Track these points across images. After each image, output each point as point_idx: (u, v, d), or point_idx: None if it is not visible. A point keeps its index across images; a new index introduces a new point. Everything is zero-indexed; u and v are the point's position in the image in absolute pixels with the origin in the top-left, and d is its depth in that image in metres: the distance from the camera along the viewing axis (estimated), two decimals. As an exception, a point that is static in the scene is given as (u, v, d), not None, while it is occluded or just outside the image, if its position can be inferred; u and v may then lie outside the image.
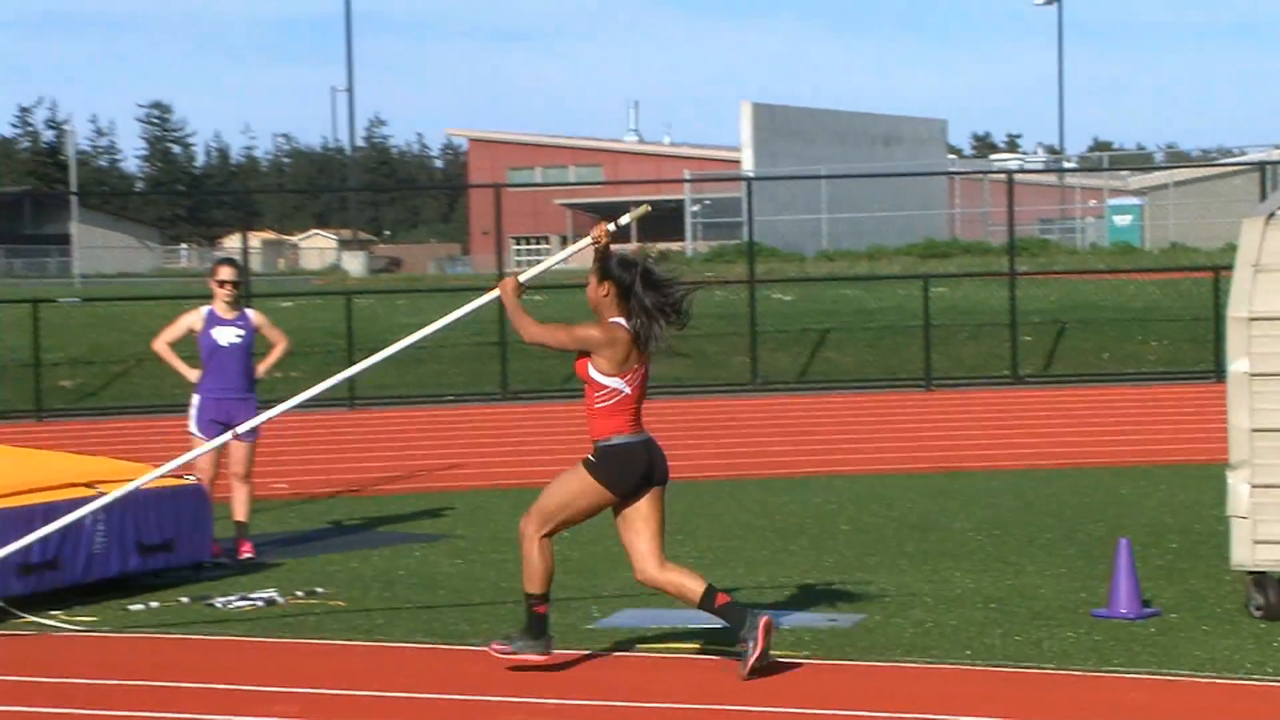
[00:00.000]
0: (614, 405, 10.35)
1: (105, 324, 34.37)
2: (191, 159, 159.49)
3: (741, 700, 9.38)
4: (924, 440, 22.64)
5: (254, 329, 14.70)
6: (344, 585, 13.11)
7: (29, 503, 12.45)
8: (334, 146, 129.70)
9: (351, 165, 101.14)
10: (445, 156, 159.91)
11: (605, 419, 10.35)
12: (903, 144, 79.65)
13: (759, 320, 30.44)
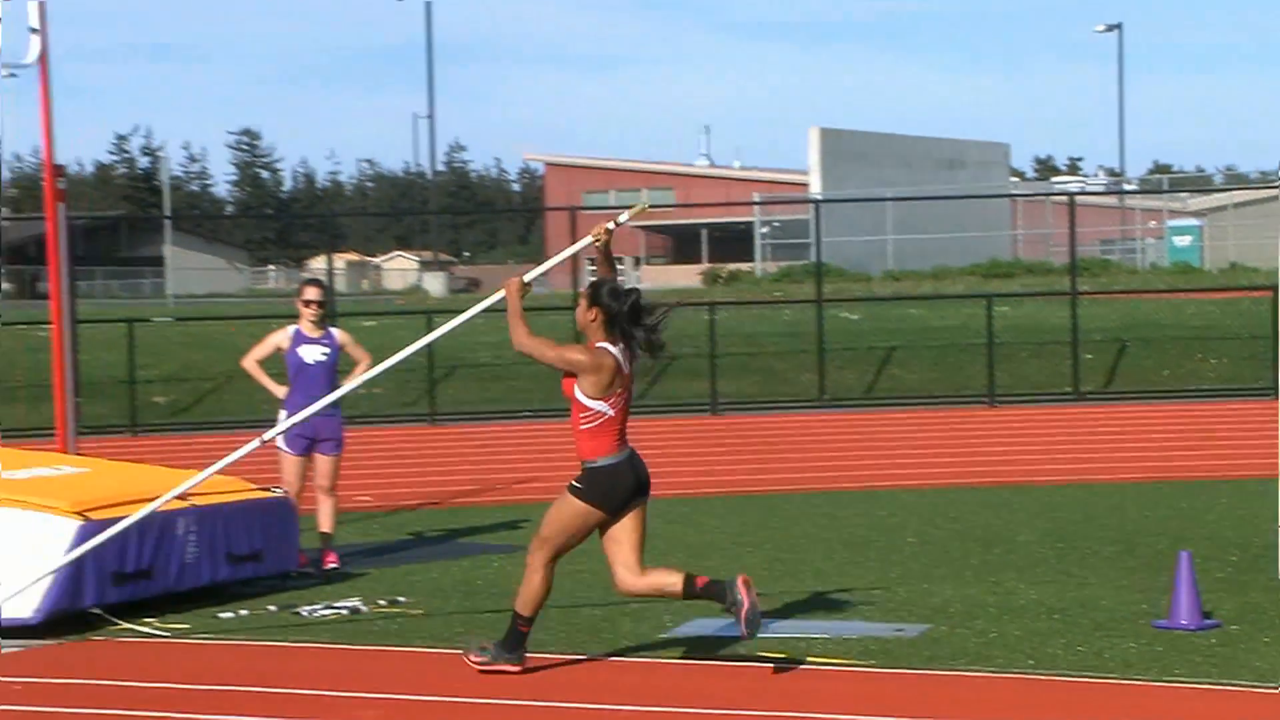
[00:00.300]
0: (598, 427, 10.37)
1: (197, 342, 34.55)
2: (279, 184, 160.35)
3: (810, 707, 9.36)
4: (988, 455, 22.56)
5: (339, 347, 14.75)
6: (425, 594, 13.13)
7: (125, 513, 12.51)
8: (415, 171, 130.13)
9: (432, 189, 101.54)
10: (522, 180, 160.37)
11: (590, 439, 10.38)
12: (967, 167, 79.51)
13: (826, 338, 30.36)
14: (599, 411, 10.37)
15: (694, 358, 31.38)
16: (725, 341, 30.91)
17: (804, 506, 18.12)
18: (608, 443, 10.43)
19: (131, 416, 27.75)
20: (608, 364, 10.32)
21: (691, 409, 28.71)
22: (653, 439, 25.13)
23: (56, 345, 15.08)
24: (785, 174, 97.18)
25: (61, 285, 15.00)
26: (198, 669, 10.73)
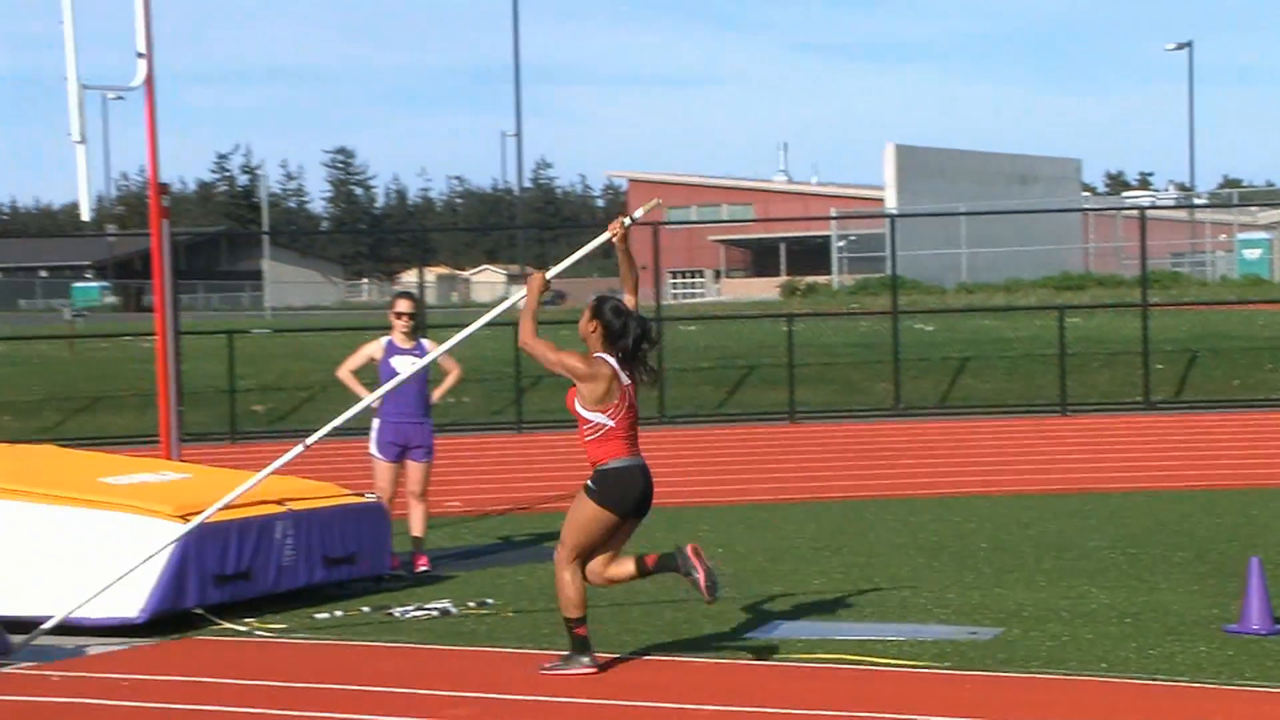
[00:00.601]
0: (602, 436, 10.46)
1: (293, 353, 34.77)
2: (372, 200, 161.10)
3: (885, 709, 9.32)
4: (1060, 463, 22.42)
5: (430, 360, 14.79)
6: (512, 597, 13.16)
7: (225, 518, 12.59)
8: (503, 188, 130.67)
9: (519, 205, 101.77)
10: (606, 196, 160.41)
11: (597, 447, 10.48)
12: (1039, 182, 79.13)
13: (901, 349, 30.28)
14: (599, 423, 10.41)
15: (772, 368, 31.39)
16: (803, 352, 30.88)
17: (880, 513, 18.06)
18: (616, 448, 10.46)
19: (231, 424, 27.94)
20: (603, 373, 10.31)
21: (770, 418, 28.70)
22: (732, 446, 25.21)
23: (160, 356, 15.20)
24: (861, 189, 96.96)
25: (165, 299, 15.12)
26: (295, 667, 10.79)
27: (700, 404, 30.16)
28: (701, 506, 18.99)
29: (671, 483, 21.37)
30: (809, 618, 11.99)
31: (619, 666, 10.59)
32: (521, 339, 10.66)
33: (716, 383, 31.95)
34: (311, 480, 14.57)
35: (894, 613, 12.13)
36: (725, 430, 27.63)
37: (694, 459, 23.80)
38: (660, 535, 16.51)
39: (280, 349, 35.69)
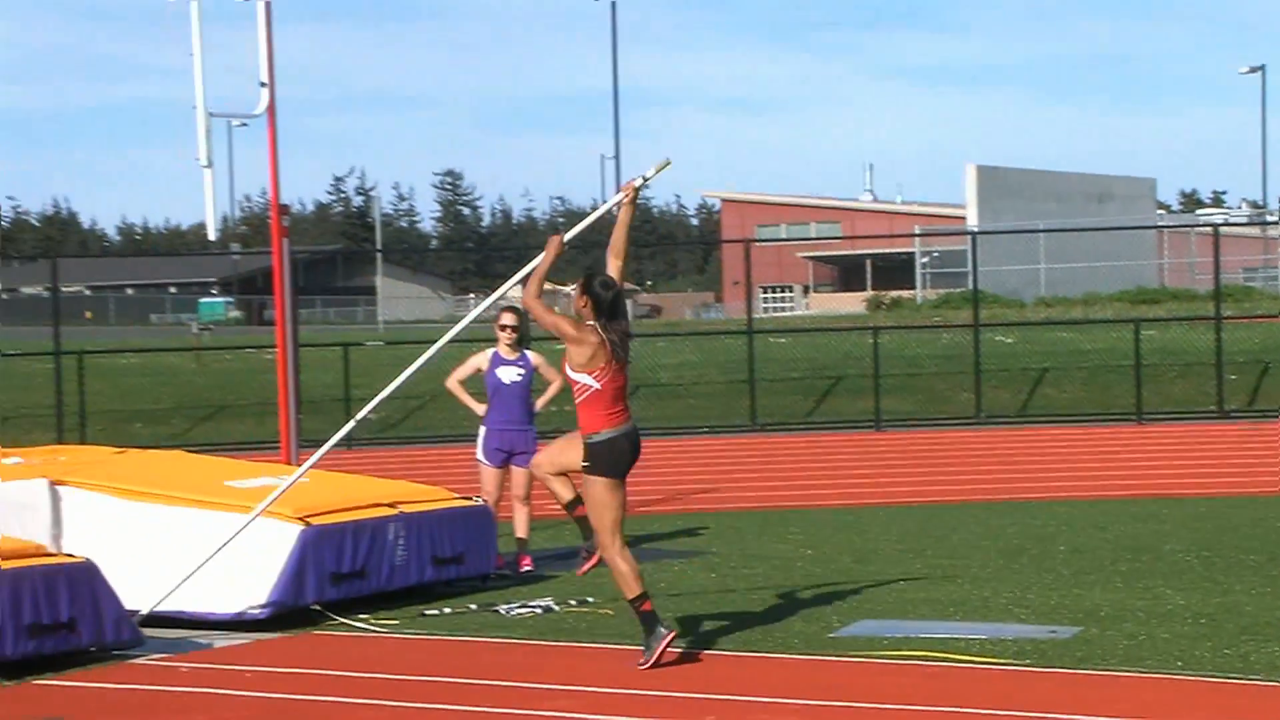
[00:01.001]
0: (589, 399, 10.69)
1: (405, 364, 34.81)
2: (479, 220, 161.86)
3: (969, 704, 9.27)
4: (1136, 469, 22.26)
5: (533, 368, 14.83)
6: (611, 595, 13.12)
7: (341, 520, 12.68)
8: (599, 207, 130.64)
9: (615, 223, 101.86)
10: (700, 215, 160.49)
11: (584, 412, 10.73)
12: (1115, 200, 78.57)
13: (983, 360, 30.13)
14: (586, 385, 10.70)
15: (859, 378, 31.28)
16: (888, 363, 30.78)
17: (962, 516, 17.97)
18: (601, 416, 10.70)
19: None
20: (590, 340, 10.64)
21: (857, 425, 28.63)
22: (821, 453, 25.17)
23: (281, 366, 15.31)
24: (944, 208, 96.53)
25: (285, 313, 15.23)
26: (406, 661, 10.84)
27: (790, 412, 30.11)
28: (791, 509, 18.96)
29: (763, 487, 21.38)
30: (894, 616, 11.93)
31: (714, 662, 10.58)
32: (525, 297, 11.06)
33: (805, 392, 31.89)
34: (422, 484, 14.64)
35: (976, 612, 12.07)
36: (814, 437, 27.57)
37: (784, 465, 23.77)
38: (751, 537, 16.53)
39: (392, 360, 35.77)
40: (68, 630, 10.69)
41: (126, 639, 11.06)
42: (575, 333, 10.69)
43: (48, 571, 10.70)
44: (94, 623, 10.84)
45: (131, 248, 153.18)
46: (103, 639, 10.92)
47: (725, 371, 33.13)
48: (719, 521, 17.92)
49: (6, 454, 14.74)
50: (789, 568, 14.43)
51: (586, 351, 10.66)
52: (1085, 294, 57.80)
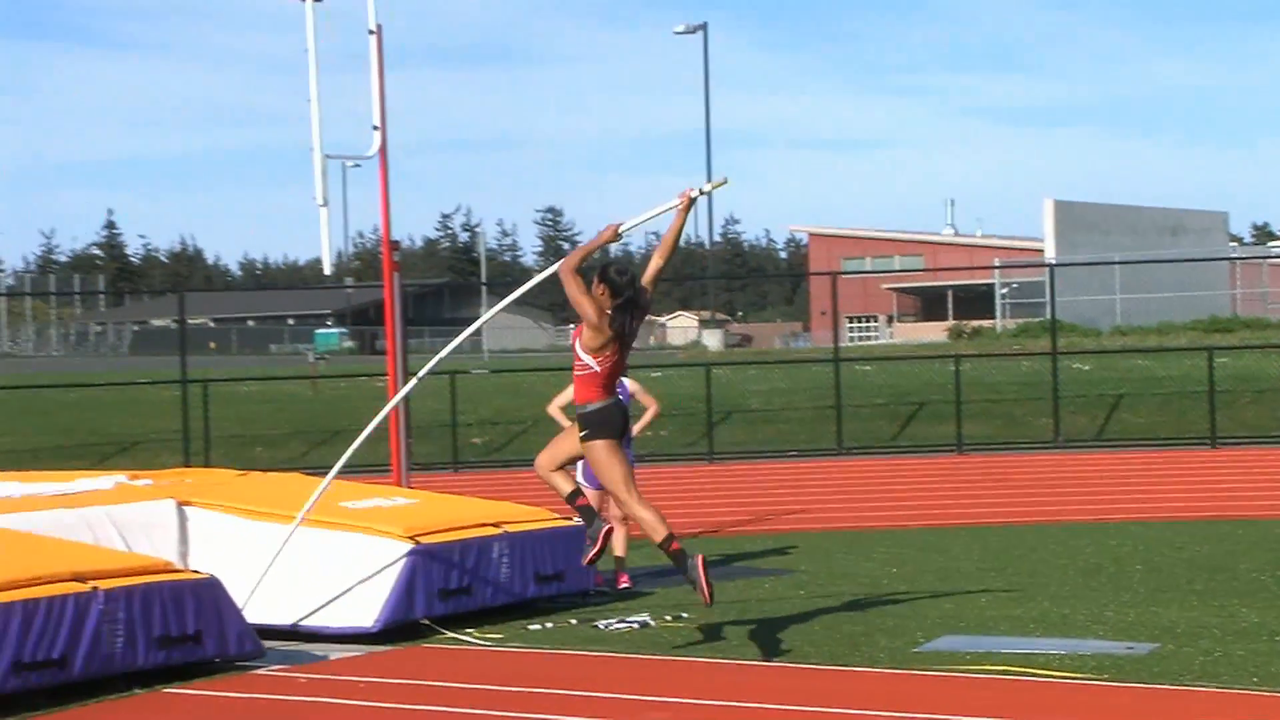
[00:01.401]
0: (587, 378, 11.25)
1: (509, 391, 35.06)
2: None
3: (1051, 716, 9.20)
4: (1210, 491, 22.02)
5: (630, 395, 14.81)
6: (705, 611, 13.13)
7: (449, 539, 12.72)
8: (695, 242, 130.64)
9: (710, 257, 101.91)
10: (788, 248, 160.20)
11: (581, 387, 11.30)
12: (1188, 233, 77.98)
13: (1060, 387, 29.95)
14: (588, 365, 11.22)
15: (941, 404, 31.15)
16: (969, 390, 30.63)
17: (1041, 537, 17.83)
18: (595, 391, 11.24)
19: (454, 455, 28.23)
20: (606, 331, 11.12)
21: (940, 449, 28.52)
22: (904, 476, 25.03)
23: (391, 393, 15.39)
24: (1022, 241, 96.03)
25: (396, 343, 15.32)
26: (510, 673, 10.85)
27: (875, 437, 30.03)
28: (876, 530, 18.87)
29: (849, 508, 21.30)
30: (976, 632, 11.85)
31: (803, 674, 10.55)
32: (564, 270, 11.43)
33: (890, 418, 31.78)
34: (525, 505, 14.67)
35: (1055, 628, 11.97)
36: (898, 461, 27.46)
37: (869, 487, 23.69)
38: (838, 556, 16.45)
39: (497, 387, 36.00)
40: (194, 642, 10.78)
41: (248, 651, 11.14)
42: (596, 320, 11.16)
43: (175, 587, 10.80)
44: (218, 635, 10.93)
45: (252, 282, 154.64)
46: (226, 651, 11.00)
47: (813, 398, 33.06)
48: (807, 541, 17.87)
49: (137, 476, 14.91)
50: (875, 585, 14.37)
51: (600, 339, 11.18)
52: (1160, 323, 57.39)
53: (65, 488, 13.96)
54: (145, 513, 12.92)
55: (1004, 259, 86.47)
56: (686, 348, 78.38)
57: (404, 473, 15.37)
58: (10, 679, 9.86)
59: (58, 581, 10.26)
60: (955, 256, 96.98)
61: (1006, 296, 74.89)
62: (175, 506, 13.01)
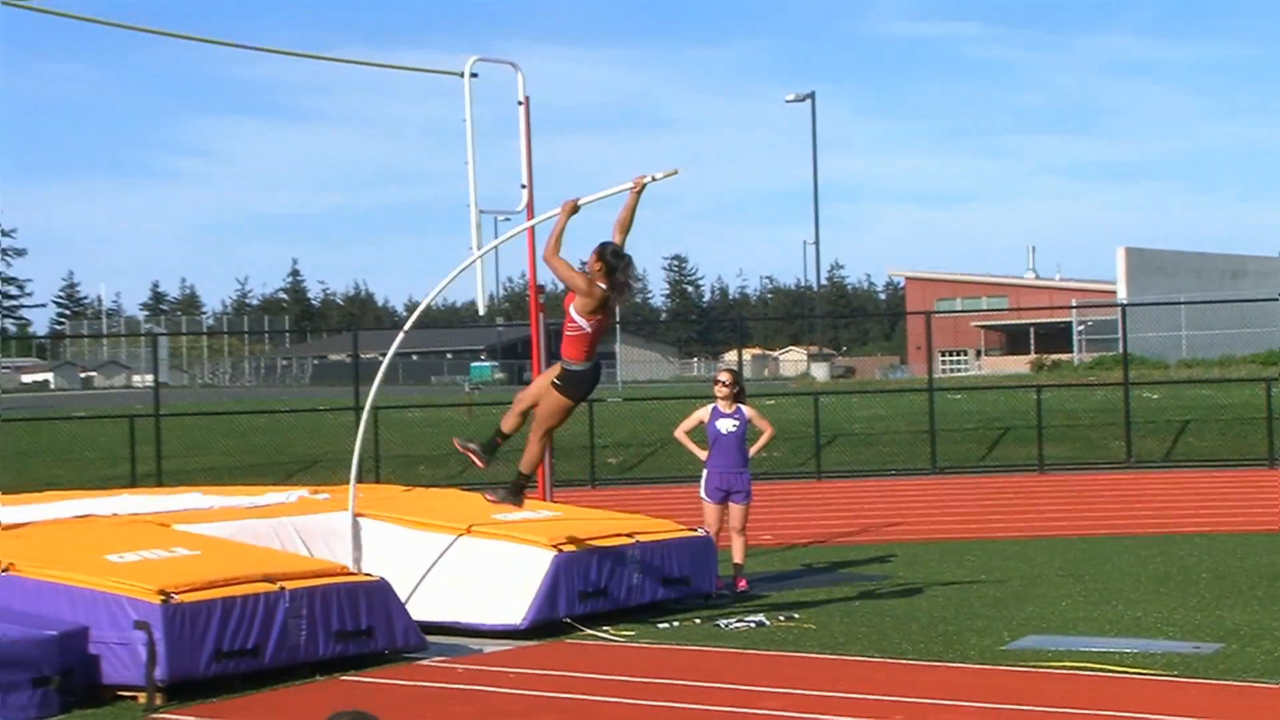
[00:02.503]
0: (576, 338, 11.67)
1: (640, 417, 35.04)
2: (701, 295, 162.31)
3: (1125, 709, 9.06)
4: (1269, 507, 21.59)
5: (747, 420, 14.81)
6: (813, 612, 13.09)
7: (588, 547, 12.75)
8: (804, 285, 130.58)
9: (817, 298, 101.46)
10: (887, 290, 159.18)
11: (570, 346, 11.72)
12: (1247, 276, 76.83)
13: (1132, 413, 29.61)
14: (579, 325, 11.61)
15: (1024, 429, 30.82)
16: (1049, 416, 30.32)
17: (1114, 548, 17.59)
18: (581, 352, 11.69)
19: (591, 473, 28.29)
20: (597, 293, 11.57)
21: (1023, 469, 28.22)
22: (991, 492, 24.80)
23: (537, 419, 15.45)
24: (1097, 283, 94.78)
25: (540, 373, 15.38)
26: (641, 666, 10.86)
27: (965, 458, 29.77)
28: (967, 540, 18.70)
29: (943, 521, 21.13)
30: (1058, 633, 11.71)
31: (901, 669, 10.47)
32: (547, 253, 11.82)
33: (978, 441, 31.50)
34: (654, 518, 14.67)
35: (1128, 629, 11.81)
36: (986, 479, 27.20)
37: (961, 502, 23.49)
38: (933, 564, 16.32)
39: (629, 413, 36.00)
40: (366, 636, 10.88)
41: (413, 644, 11.22)
42: (586, 288, 11.60)
43: (350, 588, 10.91)
44: (387, 630, 11.02)
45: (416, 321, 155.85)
46: (394, 644, 11.09)
47: (909, 423, 32.86)
48: (905, 550, 17.74)
49: (317, 490, 15.08)
50: (966, 590, 14.25)
51: (590, 304, 11.59)
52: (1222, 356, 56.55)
53: (256, 500, 14.17)
54: (325, 523, 13.08)
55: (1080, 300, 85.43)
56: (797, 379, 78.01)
57: (549, 489, 15.42)
58: (212, 665, 10.01)
59: (251, 582, 10.41)
60: (1036, 297, 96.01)
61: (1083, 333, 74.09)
62: (350, 518, 13.14)
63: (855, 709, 9.34)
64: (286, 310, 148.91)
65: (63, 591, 10.14)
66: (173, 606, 9.85)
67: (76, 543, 11.28)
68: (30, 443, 34.82)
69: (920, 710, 9.25)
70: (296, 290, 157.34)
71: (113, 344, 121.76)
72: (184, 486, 18.17)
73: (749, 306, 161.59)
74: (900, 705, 9.38)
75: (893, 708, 9.34)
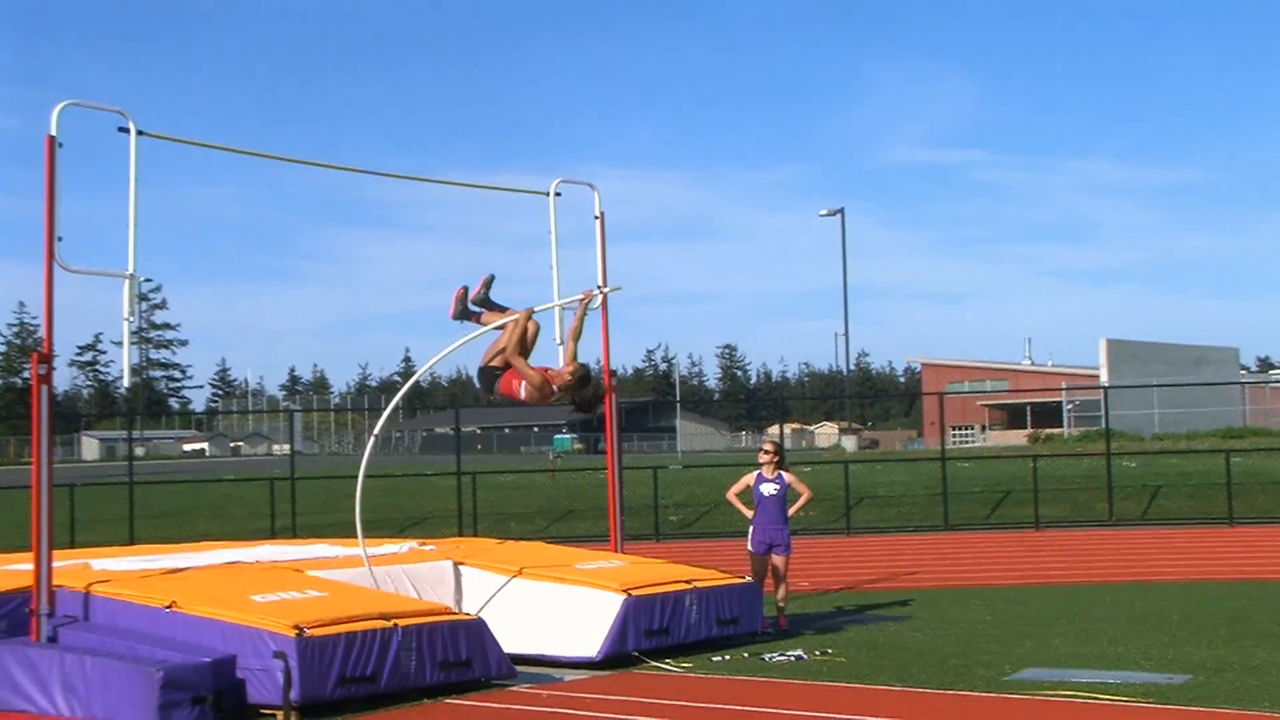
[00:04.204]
0: (507, 390, 11.94)
1: (696, 481, 34.99)
2: (748, 378, 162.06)
3: (1108, 731, 8.92)
4: (1231, 560, 21.26)
5: (787, 485, 14.76)
6: (844, 648, 12.97)
7: (653, 592, 12.70)
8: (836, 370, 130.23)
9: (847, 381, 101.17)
10: (906, 375, 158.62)
11: (504, 386, 11.98)
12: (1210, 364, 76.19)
13: (1114, 479, 29.31)
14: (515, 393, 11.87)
15: (1023, 492, 30.55)
16: (1044, 481, 30.05)
17: (1099, 593, 17.35)
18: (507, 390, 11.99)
19: (656, 528, 28.18)
20: (547, 392, 11.75)
21: (1022, 526, 27.91)
22: (995, 546, 24.54)
23: (610, 482, 15.45)
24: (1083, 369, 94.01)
25: (613, 444, 15.40)
26: (697, 693, 10.79)
27: (972, 516, 29.48)
28: (975, 587, 18.50)
29: (953, 570, 20.90)
30: (1052, 665, 11.56)
31: (919, 697, 10.35)
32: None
33: (984, 502, 31.22)
34: (709, 568, 14.60)
35: (1111, 663, 11.64)
36: (990, 535, 26.91)
37: (969, 554, 23.23)
38: (946, 607, 16.13)
39: (688, 478, 35.96)
40: (465, 666, 10.87)
41: (505, 673, 11.19)
42: (539, 384, 11.66)
43: (452, 625, 10.91)
44: (483, 661, 11.01)
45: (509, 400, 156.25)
46: (489, 673, 11.07)
47: (926, 487, 32.63)
48: (922, 595, 17.56)
49: (425, 543, 15.12)
50: (973, 629, 14.08)
51: (537, 396, 11.69)
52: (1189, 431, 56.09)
53: (374, 551, 14.21)
54: (431, 570, 13.11)
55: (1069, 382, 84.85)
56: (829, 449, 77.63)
57: (619, 541, 15.39)
58: (337, 689, 10.03)
59: (370, 620, 10.44)
60: (1032, 380, 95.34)
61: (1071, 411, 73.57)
62: (452, 566, 13.18)
63: (879, 730, 9.24)
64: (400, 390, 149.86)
65: (215, 626, 10.21)
66: (305, 640, 9.89)
67: (226, 585, 11.36)
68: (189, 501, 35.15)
69: (934, 732, 9.14)
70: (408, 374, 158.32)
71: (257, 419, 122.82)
72: (314, 538, 18.26)
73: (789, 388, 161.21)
74: (917, 727, 9.27)
75: (911, 729, 9.23)
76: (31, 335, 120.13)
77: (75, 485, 29.78)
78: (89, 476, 44.14)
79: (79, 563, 12.80)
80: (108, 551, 15.16)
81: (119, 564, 12.72)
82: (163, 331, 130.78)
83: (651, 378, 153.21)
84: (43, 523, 10.46)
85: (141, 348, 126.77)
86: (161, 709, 9.47)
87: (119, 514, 29.13)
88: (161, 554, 14.29)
